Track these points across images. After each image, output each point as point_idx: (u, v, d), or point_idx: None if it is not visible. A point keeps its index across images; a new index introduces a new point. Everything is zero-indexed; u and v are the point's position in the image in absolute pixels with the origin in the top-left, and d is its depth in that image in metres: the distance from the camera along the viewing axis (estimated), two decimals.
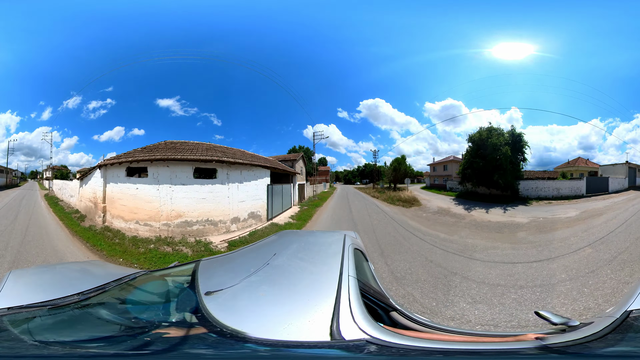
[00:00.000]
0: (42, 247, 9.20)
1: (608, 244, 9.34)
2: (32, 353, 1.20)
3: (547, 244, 10.10)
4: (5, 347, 1.23)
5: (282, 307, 1.44)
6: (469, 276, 6.80)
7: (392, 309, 1.88)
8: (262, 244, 3.06)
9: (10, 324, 1.41)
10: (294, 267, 2.14)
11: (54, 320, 1.56)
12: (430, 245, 10.21)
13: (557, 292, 5.70)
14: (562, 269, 7.16)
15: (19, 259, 7.80)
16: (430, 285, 6.23)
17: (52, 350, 1.21)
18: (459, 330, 1.77)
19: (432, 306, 5.21)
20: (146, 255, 8.50)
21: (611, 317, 1.38)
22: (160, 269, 2.82)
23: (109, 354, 1.22)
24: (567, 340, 1.22)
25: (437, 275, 6.84)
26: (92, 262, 4.41)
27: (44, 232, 11.70)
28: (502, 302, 5.35)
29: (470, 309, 5.05)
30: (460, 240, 11.33)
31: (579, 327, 1.34)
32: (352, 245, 2.34)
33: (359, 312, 1.32)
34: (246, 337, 1.23)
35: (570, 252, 8.74)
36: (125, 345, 1.30)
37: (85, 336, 1.42)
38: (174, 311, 1.76)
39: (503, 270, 7.26)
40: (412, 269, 7.26)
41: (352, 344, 1.16)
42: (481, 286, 6.14)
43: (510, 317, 4.70)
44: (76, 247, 9.57)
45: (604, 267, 7.09)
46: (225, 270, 2.40)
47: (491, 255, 8.87)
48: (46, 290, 1.90)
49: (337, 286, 1.50)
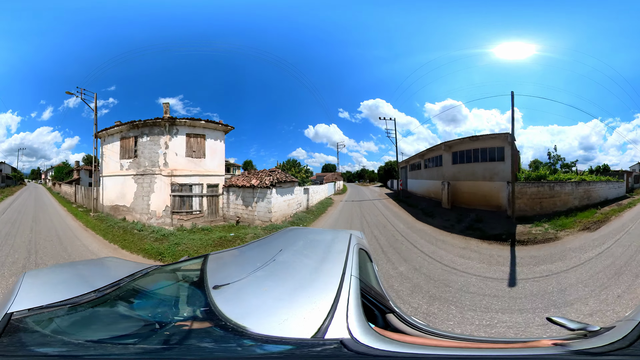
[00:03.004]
0: None
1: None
2: (65, 352, 1.24)
3: None
4: (40, 347, 1.29)
5: (282, 303, 1.47)
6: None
7: (389, 311, 1.87)
8: (270, 239, 3.10)
9: (37, 325, 1.46)
10: (299, 263, 2.16)
11: (75, 318, 1.61)
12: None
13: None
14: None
15: None
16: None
17: (91, 350, 1.26)
18: (459, 336, 1.71)
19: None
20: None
21: (633, 321, 1.32)
22: (170, 264, 2.90)
23: (132, 352, 1.26)
24: (597, 345, 1.19)
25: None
26: (104, 259, 4.52)
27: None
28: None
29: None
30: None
31: (601, 332, 1.30)
32: (358, 245, 2.35)
33: (354, 312, 1.32)
34: (246, 331, 1.26)
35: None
36: (147, 342, 1.37)
37: (107, 334, 1.48)
38: (185, 305, 1.83)
39: None
40: None
41: (326, 344, 1.16)
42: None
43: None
44: None
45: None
46: (233, 264, 2.46)
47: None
48: (62, 289, 1.92)
49: (339, 285, 1.52)
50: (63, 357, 1.21)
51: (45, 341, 1.36)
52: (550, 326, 1.46)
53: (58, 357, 1.22)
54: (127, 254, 9.56)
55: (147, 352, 1.26)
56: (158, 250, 9.58)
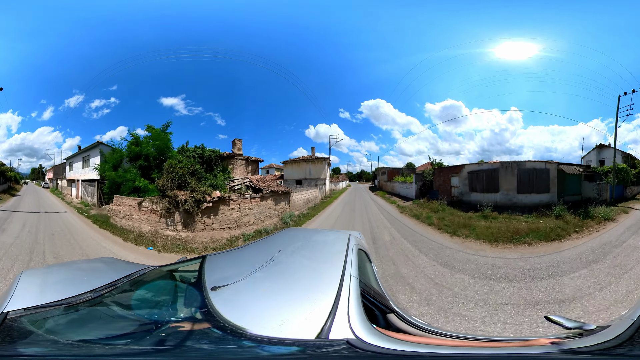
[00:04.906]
0: None
1: None
2: (59, 352, 1.23)
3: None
4: (33, 347, 1.27)
5: (281, 304, 1.46)
6: None
7: (390, 310, 1.87)
8: (268, 240, 3.09)
9: (32, 324, 1.44)
10: (298, 264, 2.16)
11: (71, 318, 1.60)
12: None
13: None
14: None
15: None
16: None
17: (76, 349, 1.24)
18: (460, 335, 1.72)
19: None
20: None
21: (629, 320, 1.33)
22: (168, 264, 2.87)
23: (126, 352, 1.25)
24: (592, 344, 1.20)
25: None
26: (101, 260, 4.49)
27: None
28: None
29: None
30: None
31: (597, 330, 1.32)
32: (356, 246, 2.35)
33: (356, 312, 1.32)
34: (245, 333, 1.25)
35: None
36: (141, 342, 1.35)
37: (102, 334, 1.46)
38: (183, 306, 1.81)
39: None
40: None
41: (333, 344, 1.15)
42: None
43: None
44: None
45: None
46: (231, 265, 2.45)
47: None
48: (59, 289, 1.90)
49: (339, 285, 1.51)
50: (51, 357, 1.20)
51: (37, 341, 1.34)
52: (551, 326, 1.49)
53: (45, 357, 1.20)
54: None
55: (143, 353, 1.25)
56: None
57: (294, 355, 1.14)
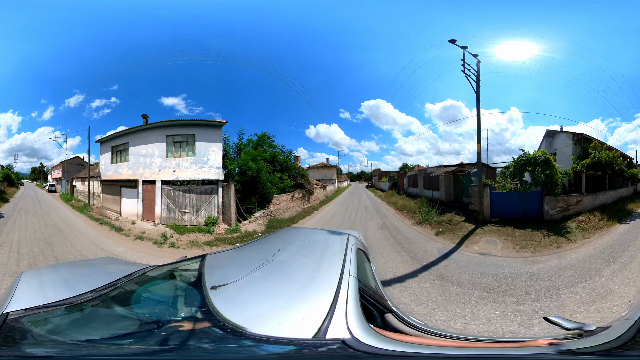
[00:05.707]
0: None
1: None
2: (59, 352, 1.23)
3: None
4: (39, 347, 1.28)
5: (281, 303, 1.46)
6: None
7: (388, 310, 1.87)
8: (267, 239, 3.10)
9: (33, 325, 1.44)
10: (297, 263, 2.16)
11: (73, 318, 1.60)
12: None
13: None
14: None
15: None
16: None
17: (84, 349, 1.25)
18: (457, 335, 1.71)
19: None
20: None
21: (629, 321, 1.32)
22: (168, 264, 2.87)
23: (127, 352, 1.26)
24: (592, 345, 1.19)
25: None
26: (102, 259, 4.49)
27: None
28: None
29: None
30: None
31: (597, 331, 1.30)
32: (355, 246, 2.36)
33: (353, 312, 1.32)
34: (245, 332, 1.25)
35: None
36: (145, 342, 1.36)
37: (105, 334, 1.47)
38: (183, 306, 1.81)
39: None
40: None
41: (329, 343, 1.15)
42: None
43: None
44: None
45: None
46: (231, 265, 2.45)
47: None
48: (60, 289, 1.90)
49: (337, 285, 1.51)
50: (55, 357, 1.20)
51: (40, 341, 1.34)
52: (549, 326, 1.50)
53: (50, 357, 1.21)
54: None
55: (144, 352, 1.25)
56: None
57: (289, 355, 1.15)
